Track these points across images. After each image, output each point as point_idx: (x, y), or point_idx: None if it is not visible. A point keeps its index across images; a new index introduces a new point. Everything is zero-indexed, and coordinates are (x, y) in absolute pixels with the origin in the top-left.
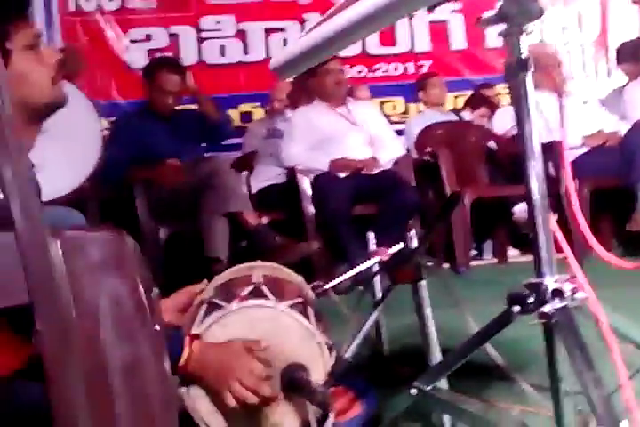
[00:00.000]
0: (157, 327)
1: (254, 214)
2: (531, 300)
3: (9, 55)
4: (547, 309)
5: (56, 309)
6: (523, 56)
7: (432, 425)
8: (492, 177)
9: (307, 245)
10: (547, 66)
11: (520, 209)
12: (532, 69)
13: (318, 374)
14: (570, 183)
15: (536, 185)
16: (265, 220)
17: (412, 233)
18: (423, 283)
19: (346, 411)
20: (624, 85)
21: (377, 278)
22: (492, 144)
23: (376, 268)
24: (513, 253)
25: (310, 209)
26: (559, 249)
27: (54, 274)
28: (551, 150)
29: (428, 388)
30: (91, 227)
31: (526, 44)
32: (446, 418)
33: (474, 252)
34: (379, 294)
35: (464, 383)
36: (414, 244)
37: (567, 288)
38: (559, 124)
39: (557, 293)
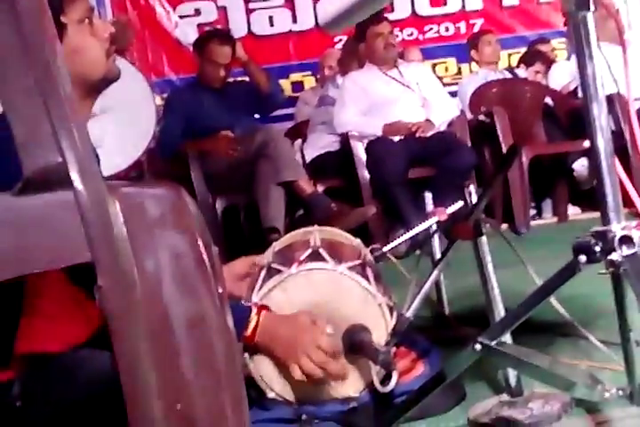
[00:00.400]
0: (220, 290)
1: (309, 183)
2: (597, 248)
3: (64, 29)
4: (615, 256)
5: (117, 265)
6: None
7: (497, 382)
8: (550, 134)
9: (363, 211)
10: (603, 15)
11: (580, 165)
12: (594, 9)
13: (380, 335)
14: (637, 132)
15: (600, 130)
16: (320, 188)
17: (471, 189)
18: (484, 239)
19: (409, 371)
20: None
21: (436, 239)
22: (548, 100)
23: (434, 228)
24: (574, 210)
25: (365, 174)
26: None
27: (114, 231)
28: (612, 103)
29: (493, 343)
30: (148, 183)
31: None
32: (511, 374)
33: (533, 211)
34: (438, 255)
35: (528, 339)
36: (473, 200)
37: (636, 235)
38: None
39: (626, 239)
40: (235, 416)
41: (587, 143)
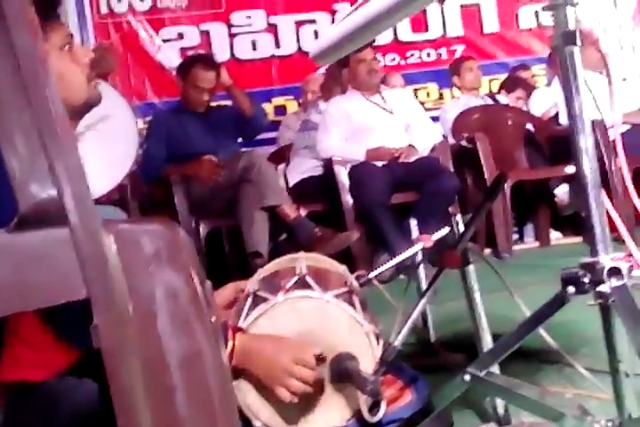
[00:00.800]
0: (213, 319)
1: (293, 207)
2: (586, 280)
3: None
4: (604, 288)
5: (113, 302)
6: (570, 29)
7: (484, 410)
8: (531, 159)
9: (347, 236)
10: (583, 45)
11: (562, 191)
12: (580, 44)
13: (367, 364)
14: (621, 158)
15: (587, 161)
16: (303, 212)
17: (458, 218)
18: (471, 268)
19: (396, 399)
20: None
21: (421, 266)
22: (529, 126)
23: (419, 255)
24: (555, 235)
25: (348, 199)
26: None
27: (110, 268)
28: (593, 129)
29: (482, 373)
30: (142, 219)
31: (573, 17)
32: (499, 402)
33: (515, 235)
34: (423, 282)
35: (515, 366)
36: (460, 228)
37: (624, 267)
38: (608, 100)
39: (614, 271)
40: None
41: (568, 169)
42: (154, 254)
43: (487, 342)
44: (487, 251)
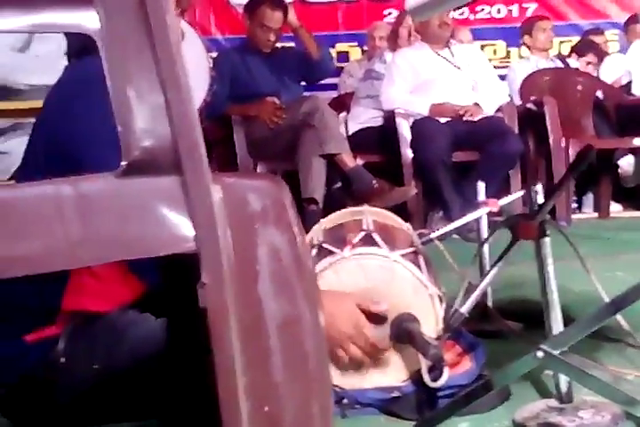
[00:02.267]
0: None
1: (351, 156)
2: None
3: None
4: None
5: (220, 261)
6: None
7: (543, 384)
8: (598, 128)
9: (405, 191)
10: None
11: (626, 162)
12: None
13: (429, 326)
14: None
15: None
16: (360, 162)
17: (538, 188)
18: (547, 240)
19: (455, 365)
20: None
21: (484, 229)
22: (598, 93)
23: (484, 218)
24: (615, 207)
25: (408, 153)
26: None
27: (218, 224)
28: None
29: (556, 352)
30: (249, 174)
31: None
32: (562, 379)
33: (574, 205)
34: (485, 246)
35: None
36: (539, 198)
37: None
38: None
39: None
40: (322, 425)
41: (637, 141)
42: (260, 212)
43: (557, 318)
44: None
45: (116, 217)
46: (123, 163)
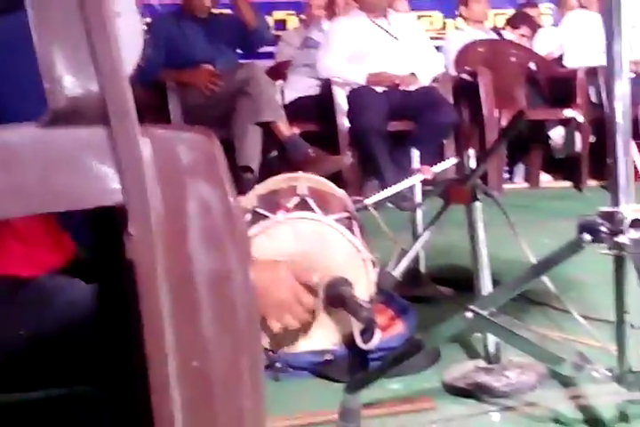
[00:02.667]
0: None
1: (288, 125)
2: (603, 228)
3: None
4: (622, 239)
5: (148, 213)
6: None
7: (471, 345)
8: (530, 99)
9: (340, 159)
10: None
11: (557, 133)
12: None
13: (361, 290)
14: None
15: (620, 107)
16: (296, 131)
17: (470, 153)
18: (478, 204)
19: (386, 328)
20: None
21: (418, 196)
22: (531, 65)
23: (419, 186)
24: (545, 178)
25: (345, 122)
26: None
27: (147, 176)
28: (595, 75)
29: (485, 312)
30: (180, 126)
31: None
32: (491, 340)
33: (506, 175)
34: (418, 213)
35: (512, 311)
36: (472, 163)
37: None
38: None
39: (636, 223)
40: (251, 380)
41: (567, 112)
42: (190, 166)
43: (486, 282)
44: None
45: (40, 168)
46: (47, 113)
